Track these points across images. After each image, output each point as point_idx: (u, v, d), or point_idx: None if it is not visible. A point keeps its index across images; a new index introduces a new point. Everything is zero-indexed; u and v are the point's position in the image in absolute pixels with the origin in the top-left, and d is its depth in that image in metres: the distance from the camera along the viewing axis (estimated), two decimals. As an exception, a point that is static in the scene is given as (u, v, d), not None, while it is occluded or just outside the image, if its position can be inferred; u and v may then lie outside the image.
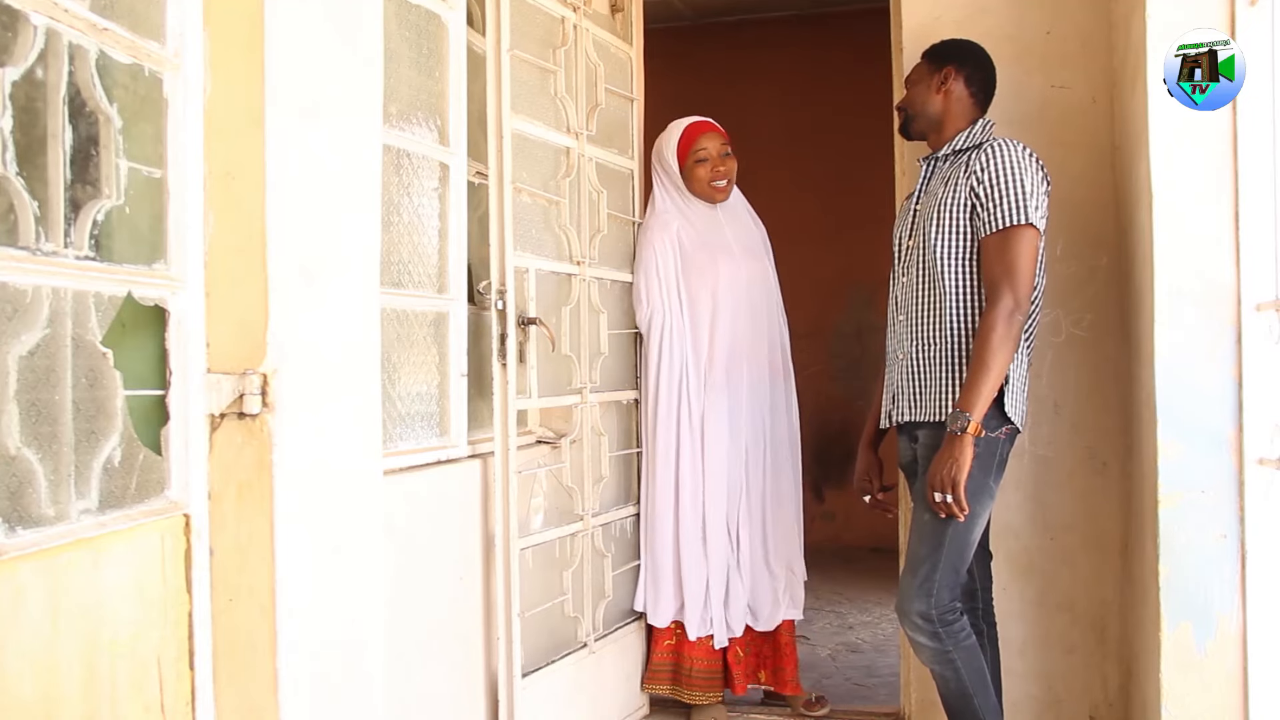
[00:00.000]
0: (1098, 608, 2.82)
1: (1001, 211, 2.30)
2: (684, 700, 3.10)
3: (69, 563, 1.31)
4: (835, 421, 5.61)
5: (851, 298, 5.81)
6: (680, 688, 3.08)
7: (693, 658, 3.07)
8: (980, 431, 2.26)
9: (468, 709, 2.43)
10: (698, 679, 3.07)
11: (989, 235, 2.32)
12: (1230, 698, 2.17)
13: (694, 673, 3.07)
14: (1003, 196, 2.30)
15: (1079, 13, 2.84)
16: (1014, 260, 2.28)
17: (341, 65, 1.75)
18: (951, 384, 2.36)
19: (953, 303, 2.38)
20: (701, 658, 3.07)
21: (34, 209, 1.30)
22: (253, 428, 1.54)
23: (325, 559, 1.68)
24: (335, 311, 1.71)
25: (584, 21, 2.96)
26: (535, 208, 2.76)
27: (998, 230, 2.31)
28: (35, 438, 1.33)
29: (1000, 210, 2.30)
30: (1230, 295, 2.17)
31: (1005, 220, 2.30)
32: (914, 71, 2.59)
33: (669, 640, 3.10)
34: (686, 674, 3.08)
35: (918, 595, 2.33)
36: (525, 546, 2.59)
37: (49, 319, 1.34)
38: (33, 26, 1.28)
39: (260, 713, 1.54)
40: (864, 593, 4.79)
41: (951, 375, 2.36)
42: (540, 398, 2.73)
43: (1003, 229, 2.30)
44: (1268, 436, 2.14)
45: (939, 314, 2.40)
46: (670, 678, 3.10)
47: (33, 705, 1.25)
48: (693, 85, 5.52)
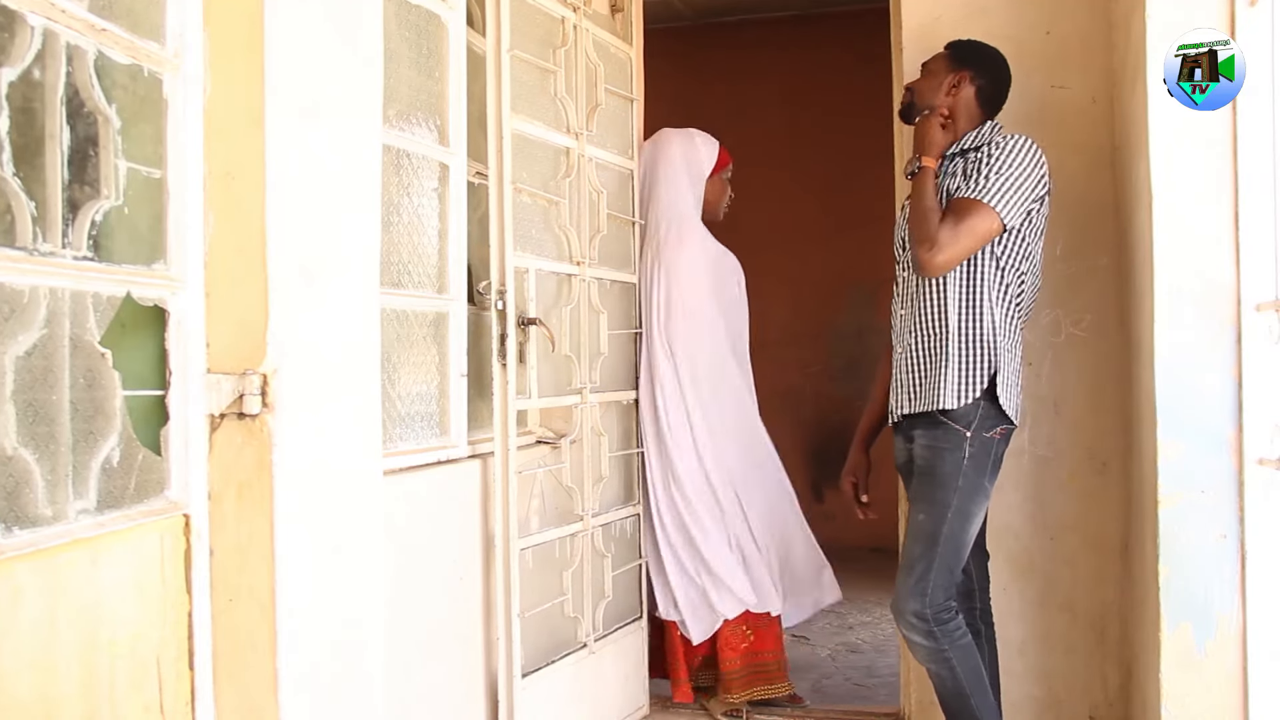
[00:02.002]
0: (1098, 608, 2.82)
1: (974, 185, 2.34)
2: (772, 697, 3.07)
3: (67, 563, 1.31)
4: (835, 421, 5.61)
5: (851, 298, 5.81)
6: (765, 685, 3.07)
7: (764, 651, 3.07)
8: (934, 163, 2.42)
9: (467, 709, 2.43)
10: (774, 670, 3.07)
11: (956, 197, 2.36)
12: (1230, 698, 2.17)
13: (771, 665, 3.07)
14: (984, 177, 2.33)
15: (1079, 13, 2.84)
16: (966, 226, 2.31)
17: (341, 65, 1.75)
18: (950, 375, 2.36)
19: (953, 297, 2.39)
20: (772, 648, 3.08)
21: (31, 209, 1.30)
22: (252, 428, 1.54)
23: (325, 559, 1.68)
24: (335, 311, 1.71)
25: (584, 21, 2.95)
26: (535, 208, 2.76)
27: (962, 196, 2.35)
28: (32, 438, 1.33)
29: (974, 182, 2.34)
30: (1230, 295, 2.17)
31: (971, 193, 2.33)
32: (933, 61, 2.60)
33: (743, 640, 3.06)
34: (765, 669, 3.07)
35: (912, 594, 2.33)
36: (525, 546, 2.59)
37: (46, 319, 1.34)
38: (30, 27, 1.28)
39: (260, 713, 1.54)
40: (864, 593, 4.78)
41: (950, 367, 2.37)
42: (540, 398, 2.72)
43: (967, 197, 2.34)
44: (1267, 436, 2.14)
45: (939, 309, 2.40)
46: (745, 680, 3.06)
47: (31, 705, 1.25)
48: (693, 85, 5.53)
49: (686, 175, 3.18)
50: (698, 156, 3.20)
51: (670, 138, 3.24)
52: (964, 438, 2.35)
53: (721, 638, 3.07)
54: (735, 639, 3.07)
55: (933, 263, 2.32)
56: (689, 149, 3.22)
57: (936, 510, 2.35)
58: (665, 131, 3.28)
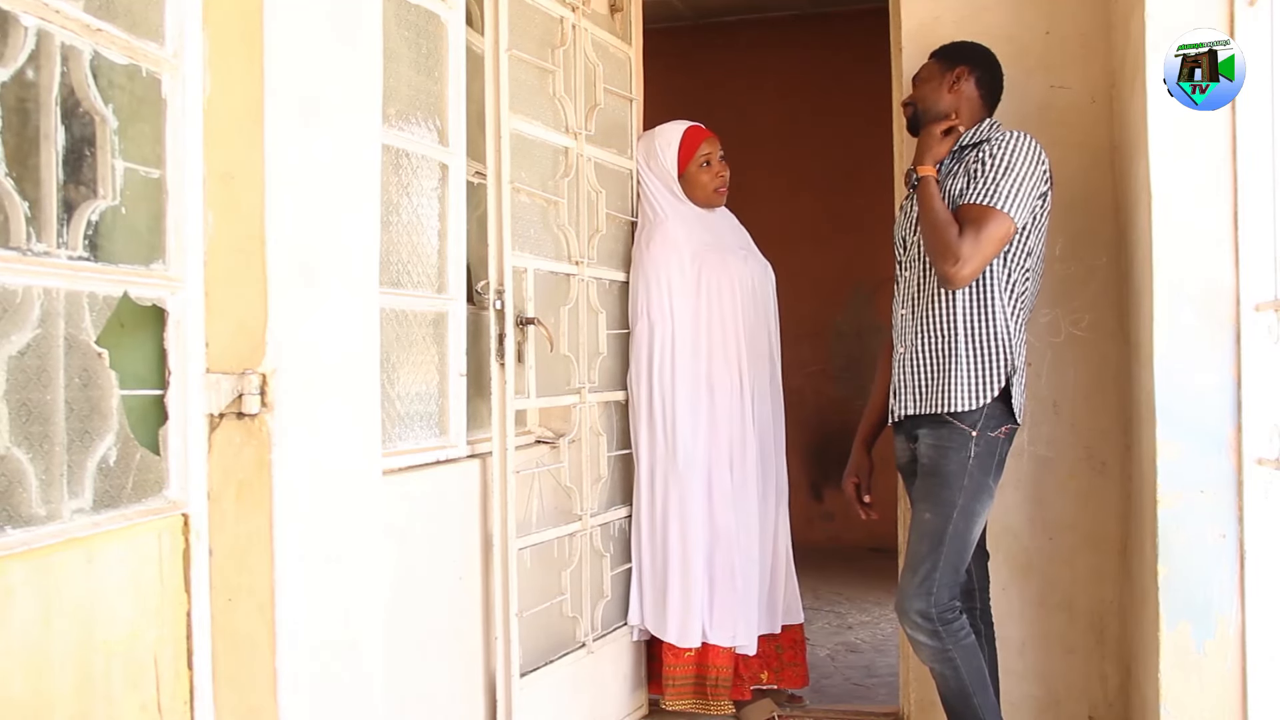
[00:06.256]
0: (1097, 608, 2.82)
1: (984, 189, 2.32)
2: (712, 713, 3.01)
3: (61, 562, 1.31)
4: (834, 421, 5.61)
5: (851, 298, 5.81)
6: (707, 700, 3.01)
7: (717, 666, 3.00)
8: (933, 171, 2.43)
9: (466, 708, 2.43)
10: (722, 688, 3.00)
11: (967, 203, 2.35)
12: (1229, 697, 2.17)
13: (719, 682, 2.99)
14: (992, 181, 2.32)
15: (1078, 13, 2.84)
16: (986, 235, 2.29)
17: (341, 65, 1.75)
18: (961, 377, 2.36)
19: (960, 297, 2.39)
20: (726, 664, 3.00)
21: (25, 209, 1.30)
22: (252, 428, 1.54)
23: (324, 559, 1.68)
24: (334, 311, 1.71)
25: (583, 21, 2.95)
26: (534, 207, 2.76)
27: (975, 203, 2.33)
28: (26, 437, 1.33)
29: (983, 187, 2.33)
30: (1229, 295, 2.17)
31: (983, 199, 2.32)
32: (923, 70, 2.60)
33: (689, 651, 3.00)
34: (713, 684, 3.00)
35: (917, 594, 2.33)
36: (523, 546, 2.59)
37: (40, 319, 1.34)
38: (23, 28, 1.28)
39: (259, 712, 1.54)
40: (863, 593, 4.79)
41: (961, 369, 2.37)
42: (539, 398, 2.72)
43: (980, 204, 2.32)
44: (1266, 436, 2.14)
45: (946, 309, 2.40)
46: (693, 690, 3.02)
47: (24, 704, 1.25)
48: (693, 85, 5.53)
49: (656, 178, 3.13)
50: (659, 160, 3.12)
51: (639, 144, 3.19)
52: (969, 437, 2.35)
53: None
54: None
55: (959, 276, 2.30)
56: (649, 154, 3.15)
57: (942, 509, 2.35)
58: (642, 137, 3.24)
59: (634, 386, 3.03)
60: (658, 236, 3.06)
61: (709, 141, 3.13)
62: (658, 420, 2.98)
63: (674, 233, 3.06)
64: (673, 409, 2.97)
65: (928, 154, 2.45)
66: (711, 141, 3.14)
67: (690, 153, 3.11)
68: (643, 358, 3.00)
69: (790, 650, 3.20)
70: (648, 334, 3.00)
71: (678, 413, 2.97)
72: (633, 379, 3.04)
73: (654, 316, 3.00)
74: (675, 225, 3.08)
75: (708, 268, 3.04)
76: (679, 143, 3.12)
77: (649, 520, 2.99)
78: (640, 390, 3.01)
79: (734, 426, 3.04)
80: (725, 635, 2.99)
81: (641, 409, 3.01)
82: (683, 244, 3.05)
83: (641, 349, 3.01)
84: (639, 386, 3.02)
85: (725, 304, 3.05)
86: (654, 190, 3.13)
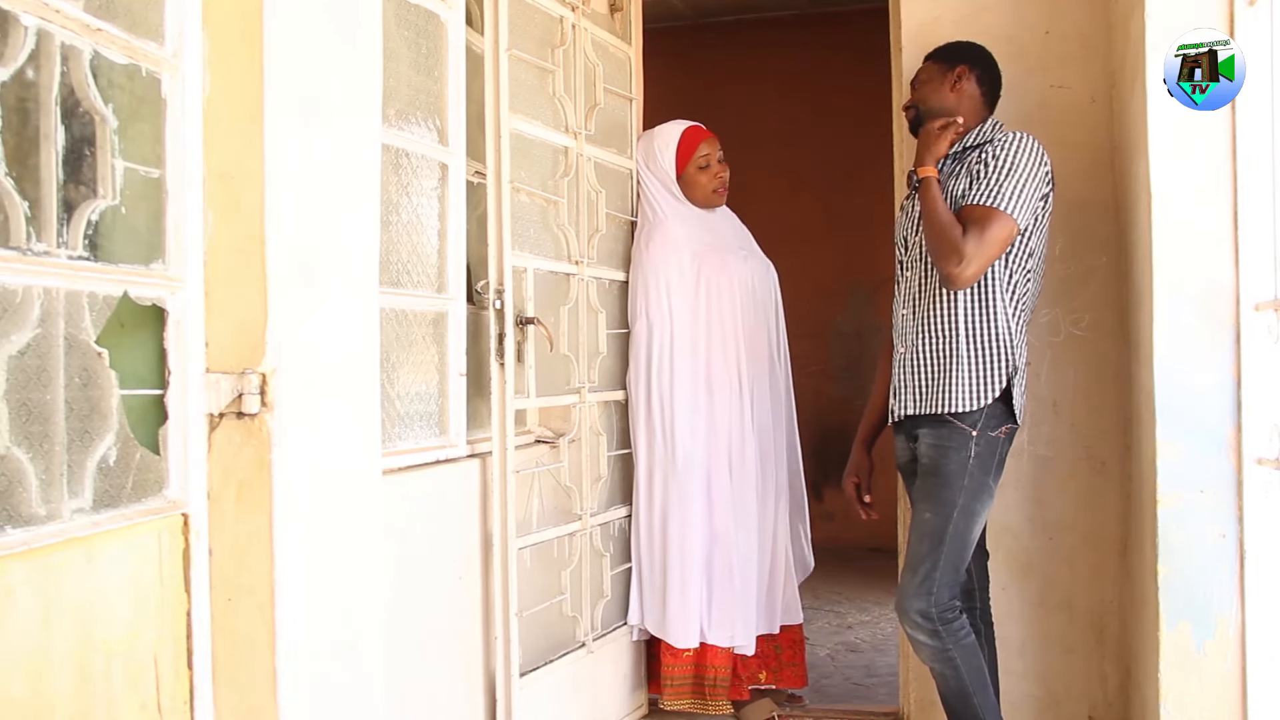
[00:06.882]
0: (1097, 607, 2.82)
1: (987, 190, 2.32)
2: (711, 713, 3.01)
3: (61, 562, 1.31)
4: (834, 421, 5.61)
5: (851, 298, 5.81)
6: (705, 700, 3.01)
7: (715, 666, 2.99)
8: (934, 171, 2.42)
9: (466, 708, 2.43)
10: (721, 688, 3.00)
11: (970, 204, 2.34)
12: (1229, 697, 2.17)
13: (717, 682, 2.99)
14: (995, 181, 2.33)
15: (1078, 13, 2.84)
16: (989, 236, 2.29)
17: (341, 64, 1.75)
18: (962, 377, 2.37)
19: (961, 297, 2.39)
20: (724, 664, 3.00)
21: (24, 209, 1.30)
22: (252, 427, 1.54)
23: (324, 558, 1.68)
24: (334, 311, 1.71)
25: (583, 21, 2.95)
26: (534, 207, 2.76)
27: (978, 204, 2.33)
28: (25, 437, 1.33)
29: (986, 187, 2.33)
30: (1229, 295, 2.17)
31: (986, 199, 2.32)
32: (922, 72, 2.60)
33: (687, 651, 3.00)
34: (711, 684, 3.00)
35: (918, 593, 2.33)
36: (523, 546, 2.59)
37: (40, 319, 1.34)
38: (23, 27, 1.28)
39: (259, 712, 1.54)
40: (863, 592, 4.79)
41: (962, 369, 2.37)
42: (538, 397, 2.72)
43: (984, 205, 2.32)
44: (1266, 436, 2.14)
45: (947, 309, 2.40)
46: (692, 690, 3.02)
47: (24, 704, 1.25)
48: (693, 85, 5.53)
49: (655, 178, 3.13)
50: (657, 160, 3.12)
51: (639, 144, 3.19)
52: (970, 437, 2.35)
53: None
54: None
55: (962, 277, 2.30)
56: (648, 154, 3.15)
57: (942, 509, 2.35)
58: (641, 137, 3.23)
59: (633, 386, 3.04)
60: (657, 236, 3.06)
61: (708, 142, 3.13)
62: (656, 420, 2.98)
63: (674, 233, 3.06)
64: (671, 409, 2.97)
65: (928, 153, 2.45)
66: (710, 142, 3.13)
67: (689, 153, 3.11)
68: (641, 358, 3.01)
69: (789, 650, 3.20)
70: (646, 334, 3.00)
71: (676, 412, 2.97)
72: (631, 379, 3.04)
73: (653, 316, 3.00)
74: (675, 225, 3.08)
75: (707, 268, 3.04)
76: (677, 143, 3.11)
77: (647, 520, 3.00)
78: (639, 390, 3.01)
79: (733, 426, 3.04)
80: (723, 635, 2.99)
81: (640, 409, 3.01)
82: (682, 244, 3.05)
83: (640, 349, 3.01)
84: (638, 386, 3.02)
85: (724, 304, 3.05)
86: (653, 190, 3.13)
